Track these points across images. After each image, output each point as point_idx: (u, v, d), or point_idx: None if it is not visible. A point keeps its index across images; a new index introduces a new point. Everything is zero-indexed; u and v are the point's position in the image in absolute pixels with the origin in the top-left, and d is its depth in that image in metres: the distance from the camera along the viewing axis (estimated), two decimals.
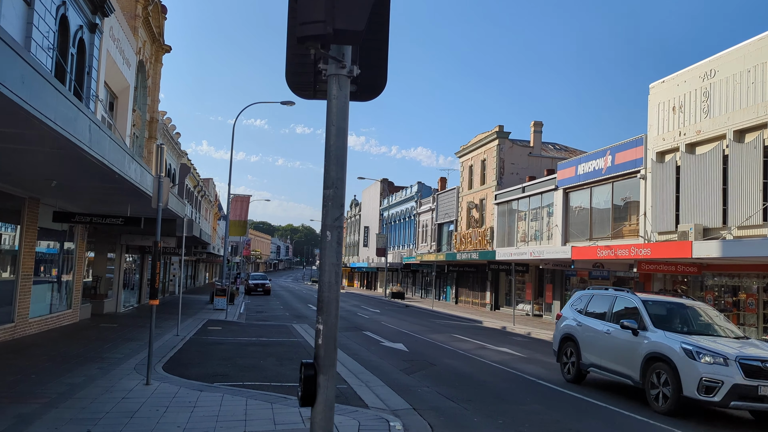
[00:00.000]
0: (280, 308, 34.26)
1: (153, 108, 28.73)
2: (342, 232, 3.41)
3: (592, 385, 12.25)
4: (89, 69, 18.78)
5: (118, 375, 10.31)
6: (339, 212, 3.35)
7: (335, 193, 3.34)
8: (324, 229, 3.40)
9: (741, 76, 20.29)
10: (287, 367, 12.27)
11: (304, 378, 3.32)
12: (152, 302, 9.46)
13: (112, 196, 13.88)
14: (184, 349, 14.44)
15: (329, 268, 3.35)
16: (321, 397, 3.27)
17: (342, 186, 3.34)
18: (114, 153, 9.54)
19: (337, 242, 3.37)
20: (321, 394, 3.27)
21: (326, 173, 3.34)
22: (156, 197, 9.45)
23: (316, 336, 3.35)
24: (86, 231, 19.87)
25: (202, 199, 53.00)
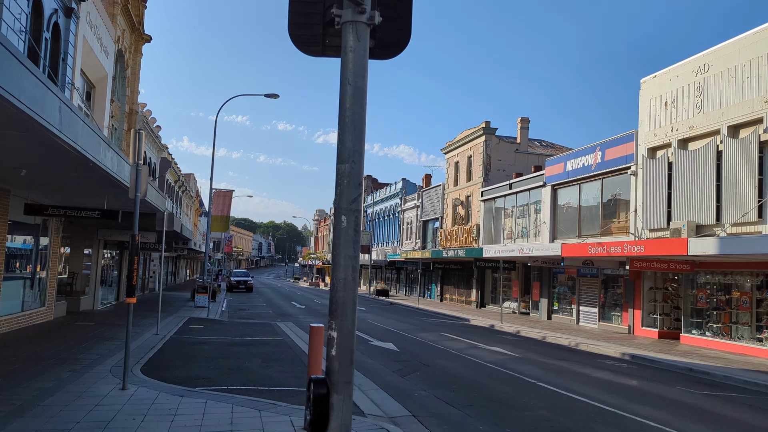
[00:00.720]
0: (263, 306, 33.50)
1: (132, 99, 27.81)
2: (360, 216, 2.81)
3: (599, 388, 11.75)
4: (65, 55, 17.92)
5: (92, 378, 9.58)
6: (356, 192, 2.75)
7: (351, 168, 2.74)
8: (338, 214, 2.79)
9: (736, 71, 19.96)
10: (274, 369, 11.62)
11: (313, 398, 2.69)
12: (129, 300, 8.74)
13: (87, 187, 13.10)
14: (164, 350, 13.71)
15: (344, 262, 2.75)
16: (335, 422, 2.66)
17: (360, 159, 2.74)
18: (87, 138, 8.81)
19: (354, 229, 2.77)
20: (335, 419, 2.67)
21: (340, 144, 2.73)
22: (133, 187, 8.74)
23: (328, 346, 2.74)
24: (61, 225, 19.00)
25: (183, 194, 51.94)
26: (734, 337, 19.89)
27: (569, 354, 17.40)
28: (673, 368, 15.42)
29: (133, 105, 27.67)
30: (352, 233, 2.74)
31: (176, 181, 45.88)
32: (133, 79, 28.14)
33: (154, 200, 16.03)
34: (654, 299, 23.99)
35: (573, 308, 29.13)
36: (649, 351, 18.34)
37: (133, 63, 28.01)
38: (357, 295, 2.75)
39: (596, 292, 27.48)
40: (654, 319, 23.73)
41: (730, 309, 20.21)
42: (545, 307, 31.46)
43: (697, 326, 21.49)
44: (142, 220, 18.77)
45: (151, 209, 17.15)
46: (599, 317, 27.00)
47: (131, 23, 26.44)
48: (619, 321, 25.62)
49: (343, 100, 2.71)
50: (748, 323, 19.53)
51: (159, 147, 36.78)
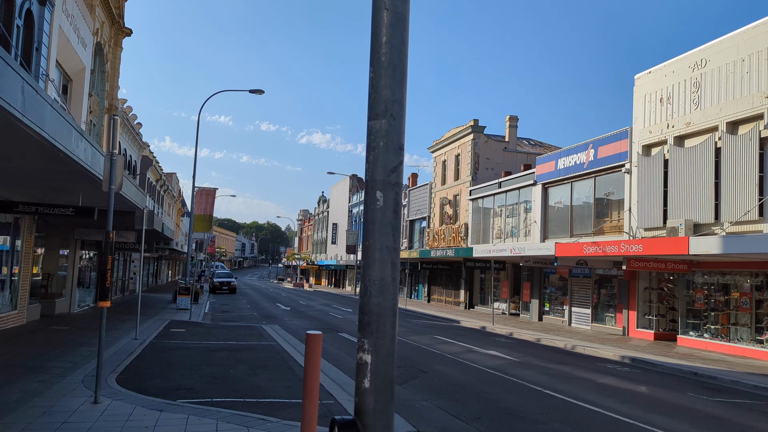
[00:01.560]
0: (247, 308, 32.58)
1: (112, 94, 26.79)
2: (401, 193, 2.06)
3: (610, 396, 11.10)
4: (38, 45, 16.98)
5: (61, 390, 8.72)
6: (396, 158, 2.03)
7: (389, 125, 2.01)
8: (370, 189, 2.05)
9: (734, 66, 19.49)
10: (262, 377, 10.80)
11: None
12: (102, 304, 7.88)
13: (59, 183, 12.19)
14: (143, 356, 12.82)
15: (381, 255, 2.01)
16: None
17: (401, 113, 2.01)
18: (57, 126, 7.95)
19: (394, 210, 2.04)
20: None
21: (374, 93, 2.00)
22: (107, 179, 7.90)
23: (359, 374, 2.00)
24: (34, 224, 18.00)
25: (165, 193, 50.78)
26: (733, 338, 19.41)
27: (568, 357, 16.77)
28: (677, 372, 14.85)
29: (113, 100, 26.65)
30: (391, 216, 2.01)
31: (158, 180, 44.76)
32: (112, 74, 27.13)
33: (133, 197, 15.13)
34: (649, 300, 23.48)
35: (565, 309, 28.59)
36: (648, 354, 17.78)
37: (112, 57, 27.01)
38: (397, 303, 2.01)
39: (589, 292, 26.95)
40: (649, 320, 23.22)
41: (729, 310, 19.73)
42: (536, 308, 30.89)
43: (694, 327, 20.99)
44: (120, 218, 17.85)
45: (130, 207, 16.25)
46: (592, 318, 26.47)
47: (111, 15, 25.45)
48: (612, 322, 25.09)
49: (376, 33, 1.97)
50: (748, 324, 19.06)
51: (140, 145, 35.70)
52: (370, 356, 1.98)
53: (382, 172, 2.02)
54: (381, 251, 2.01)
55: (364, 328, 2.01)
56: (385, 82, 1.99)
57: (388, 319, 2.00)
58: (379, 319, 1.99)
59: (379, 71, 1.99)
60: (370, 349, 1.98)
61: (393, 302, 2.02)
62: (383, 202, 2.02)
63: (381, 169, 2.02)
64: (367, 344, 1.99)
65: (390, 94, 2.00)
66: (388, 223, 2.02)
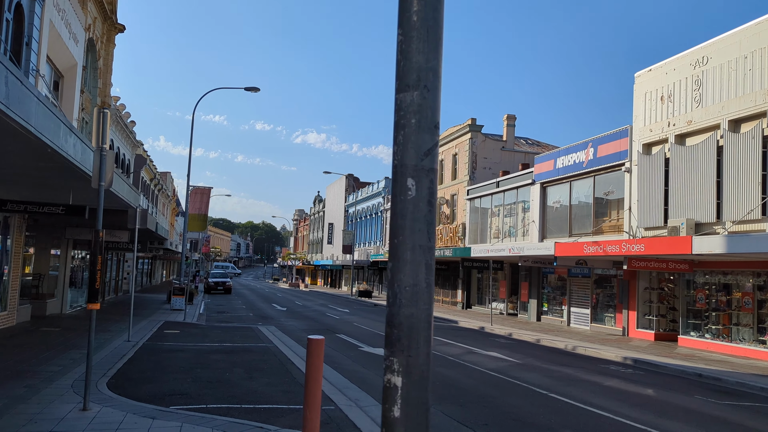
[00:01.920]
0: (242, 308, 32.19)
1: (105, 92, 26.37)
2: (436, 180, 1.73)
3: (618, 400, 10.80)
4: (28, 39, 16.60)
5: (49, 396, 8.35)
6: (431, 139, 1.70)
7: (423, 98, 1.68)
8: (400, 176, 1.72)
9: (737, 63, 19.24)
10: (258, 381, 10.44)
11: None
12: (91, 307, 7.52)
13: (48, 180, 11.81)
14: (136, 359, 12.45)
15: (413, 256, 1.68)
16: None
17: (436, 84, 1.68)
18: (43, 119, 7.59)
19: (429, 202, 1.71)
20: None
21: (403, 60, 1.67)
22: (97, 175, 7.54)
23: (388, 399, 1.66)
24: (24, 223, 17.61)
25: (160, 193, 50.30)
26: (735, 339, 19.16)
27: (569, 359, 16.48)
28: (681, 374, 14.58)
29: (106, 98, 26.23)
30: (426, 208, 1.69)
31: (152, 179, 44.29)
32: (105, 71, 26.72)
33: (126, 196, 14.74)
34: (649, 300, 23.23)
35: (563, 309, 28.32)
36: (650, 355, 17.51)
37: (105, 53, 26.60)
38: (432, 313, 1.68)
39: (588, 292, 26.68)
40: (649, 320, 22.96)
41: (731, 310, 19.48)
42: (534, 308, 30.62)
43: (695, 328, 20.74)
44: (113, 217, 17.46)
45: (122, 206, 15.86)
46: (591, 319, 26.21)
47: (103, 11, 25.04)
48: (612, 322, 24.83)
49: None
50: (750, 325, 18.81)
51: (133, 143, 35.25)
52: (401, 378, 1.64)
53: (413, 156, 1.69)
54: (413, 251, 1.68)
55: (393, 344, 1.67)
56: (417, 47, 1.66)
57: (421, 333, 1.67)
58: (411, 333, 1.65)
59: (410, 33, 1.66)
60: (400, 370, 1.64)
61: (428, 313, 1.69)
62: (416, 191, 1.69)
63: (413, 151, 1.69)
64: (397, 364, 1.65)
65: (423, 60, 1.66)
66: (421, 218, 1.69)
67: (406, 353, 1.63)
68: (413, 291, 1.66)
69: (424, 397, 1.62)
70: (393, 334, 1.66)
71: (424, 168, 1.68)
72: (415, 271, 1.66)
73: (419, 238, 1.66)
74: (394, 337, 1.66)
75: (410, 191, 1.67)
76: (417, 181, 1.68)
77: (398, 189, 1.70)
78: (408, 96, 1.67)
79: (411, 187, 1.67)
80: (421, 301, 1.66)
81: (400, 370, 1.62)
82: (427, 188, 1.68)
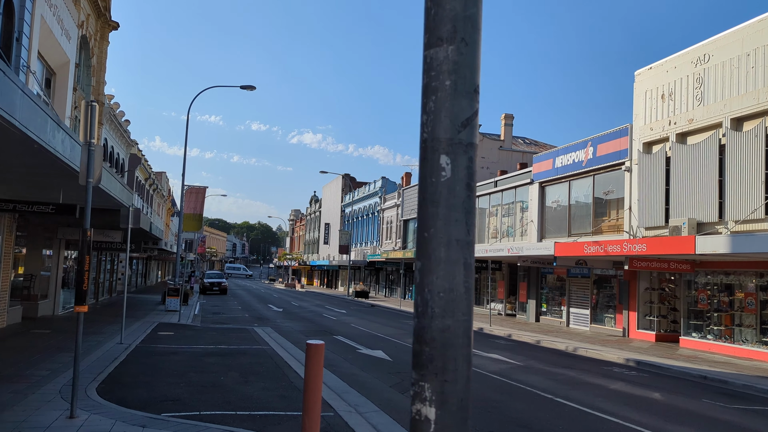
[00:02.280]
0: (238, 309, 31.83)
1: (98, 90, 26.02)
2: (475, 156, 1.41)
3: (625, 404, 10.50)
4: (19, 35, 16.24)
5: (36, 402, 8.00)
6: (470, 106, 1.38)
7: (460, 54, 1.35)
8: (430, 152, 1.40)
9: (739, 61, 18.99)
10: (254, 386, 10.10)
11: None
12: (78, 309, 7.17)
13: (36, 177, 11.46)
14: (128, 362, 12.10)
15: (447, 253, 1.34)
16: None
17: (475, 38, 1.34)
18: (29, 113, 7.25)
19: (467, 185, 1.39)
20: None
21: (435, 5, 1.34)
22: (84, 171, 7.20)
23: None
24: (14, 222, 17.23)
25: (155, 193, 49.90)
26: (737, 340, 18.91)
27: (571, 360, 16.19)
28: (686, 376, 14.30)
29: (99, 96, 25.89)
30: (464, 193, 1.37)
31: (147, 179, 43.89)
32: (98, 69, 26.36)
33: (119, 194, 14.39)
34: (650, 300, 22.97)
35: (563, 310, 28.05)
36: (652, 356, 17.24)
37: (99, 51, 26.25)
38: (472, 325, 1.36)
39: (587, 293, 26.42)
40: (650, 321, 22.70)
41: (733, 311, 19.23)
42: (533, 309, 30.34)
43: (696, 329, 20.49)
44: (106, 216, 17.09)
45: (115, 205, 15.50)
46: (591, 319, 25.94)
47: (96, 8, 24.68)
48: (612, 323, 24.57)
49: None
50: (753, 326, 18.56)
51: (128, 142, 34.85)
52: (434, 409, 1.30)
53: (449, 127, 1.36)
54: (449, 247, 1.34)
55: (424, 364, 1.33)
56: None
57: (460, 351, 1.34)
58: (447, 352, 1.32)
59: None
60: (433, 399, 1.31)
61: (467, 325, 1.36)
62: (451, 172, 1.36)
63: (447, 121, 1.36)
64: (429, 390, 1.32)
65: (460, 6, 1.33)
66: (458, 205, 1.36)
67: (441, 377, 1.30)
68: (449, 297, 1.33)
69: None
70: (423, 352, 1.33)
71: (461, 142, 1.36)
72: (451, 272, 1.33)
73: (456, 230, 1.33)
74: (425, 356, 1.32)
75: (444, 172, 1.34)
76: (453, 159, 1.35)
77: (429, 169, 1.37)
78: (441, 52, 1.34)
79: (445, 166, 1.34)
80: (459, 310, 1.33)
81: (433, 399, 1.29)
82: (465, 168, 1.35)
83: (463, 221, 1.34)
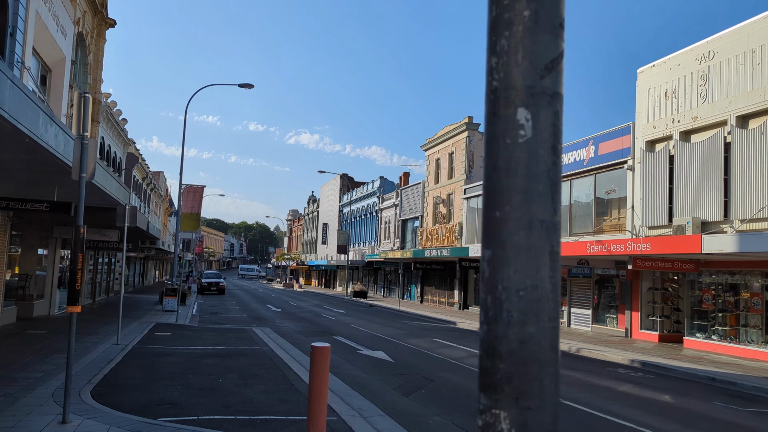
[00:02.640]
0: (236, 309, 31.50)
1: (95, 88, 25.69)
2: (562, 110, 1.11)
3: (636, 407, 10.22)
4: (13, 30, 15.94)
5: (27, 406, 7.69)
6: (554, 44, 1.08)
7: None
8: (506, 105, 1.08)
9: (744, 57, 18.74)
10: (254, 388, 9.79)
11: None
12: (71, 309, 6.86)
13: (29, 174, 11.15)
14: (124, 364, 11.79)
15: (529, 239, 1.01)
16: None
17: None
18: (20, 105, 6.95)
19: (553, 148, 1.09)
20: None
21: None
22: (77, 166, 6.90)
23: None
24: (9, 221, 16.90)
25: (152, 192, 49.52)
26: (743, 340, 18.66)
27: (576, 362, 15.92)
28: (693, 377, 14.03)
29: (96, 94, 25.55)
30: (549, 159, 1.07)
31: (144, 178, 43.53)
32: (95, 66, 26.03)
33: (115, 192, 14.08)
34: (653, 300, 22.70)
35: (563, 310, 27.77)
36: (657, 357, 16.97)
37: (95, 48, 25.92)
38: (559, 334, 1.05)
39: (589, 293, 26.16)
40: (653, 321, 22.43)
41: (738, 311, 18.98)
42: None
43: (700, 329, 20.23)
44: (102, 215, 16.77)
45: (111, 203, 15.20)
46: (592, 320, 25.68)
47: (93, 5, 24.36)
48: (614, 323, 24.31)
49: None
50: (759, 326, 18.31)
51: (125, 141, 34.50)
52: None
53: (528, 71, 1.05)
54: (530, 231, 1.02)
55: (498, 386, 1.01)
56: None
57: (546, 369, 1.02)
58: (530, 369, 0.99)
59: None
60: (511, 430, 1.01)
61: (554, 333, 1.04)
62: (533, 130, 1.04)
63: (527, 63, 1.05)
64: (506, 421, 0.98)
65: None
66: (542, 174, 1.05)
67: (523, 403, 0.97)
68: (531, 297, 1.01)
69: None
70: (497, 370, 0.99)
71: (545, 91, 1.05)
72: (534, 262, 1.01)
73: (539, 208, 1.02)
74: (499, 375, 0.99)
75: (523, 130, 1.03)
76: (534, 114, 1.04)
77: (501, 128, 1.05)
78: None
79: (524, 122, 1.03)
80: (544, 313, 1.01)
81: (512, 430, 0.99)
82: (550, 125, 1.04)
83: (549, 196, 1.04)
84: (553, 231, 1.06)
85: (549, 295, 1.03)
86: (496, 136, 1.07)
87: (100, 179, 11.44)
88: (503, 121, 1.06)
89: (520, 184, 1.03)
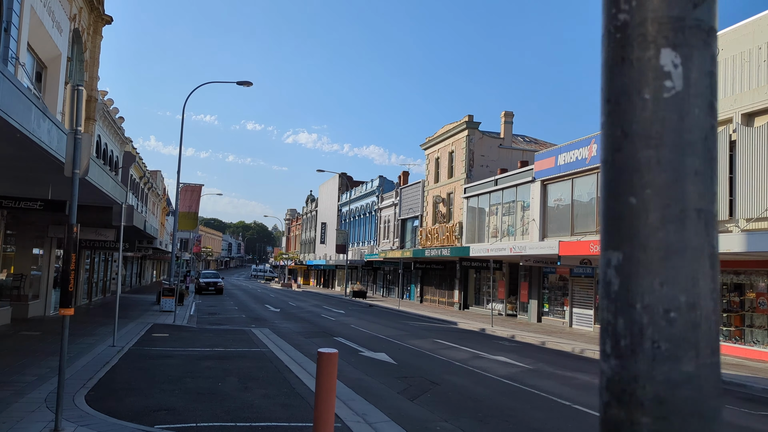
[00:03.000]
0: (234, 309, 31.19)
1: (91, 85, 25.36)
2: (716, 53, 0.83)
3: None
4: (7, 25, 15.63)
5: (18, 412, 7.40)
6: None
7: None
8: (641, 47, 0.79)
9: (750, 54, 18.50)
10: (255, 393, 9.50)
11: None
12: (64, 312, 6.56)
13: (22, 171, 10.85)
14: (120, 367, 11.49)
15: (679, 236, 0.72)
16: None
17: None
18: (10, 98, 6.66)
19: (710, 105, 0.81)
20: None
21: None
22: (70, 161, 6.60)
23: None
24: (3, 220, 16.60)
25: (149, 191, 49.18)
26: (748, 341, 18.42)
27: (581, 363, 15.65)
28: None
29: (92, 91, 25.22)
30: (706, 121, 0.78)
31: (141, 177, 43.19)
32: (92, 63, 25.70)
33: (111, 191, 13.78)
34: None
35: (565, 310, 27.53)
36: None
37: (92, 45, 25.59)
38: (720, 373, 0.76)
39: (591, 293, 25.91)
40: None
41: (743, 311, 18.74)
42: (534, 309, 29.81)
43: None
44: (99, 214, 16.47)
45: (108, 202, 14.89)
46: (595, 320, 25.42)
47: (89, 1, 24.03)
48: None
49: None
50: (765, 327, 18.07)
51: (122, 140, 34.17)
52: None
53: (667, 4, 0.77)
54: (683, 224, 0.71)
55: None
56: None
57: (709, 427, 0.73)
58: (687, 426, 0.70)
59: None
60: None
61: (716, 372, 0.75)
62: (683, 81, 0.75)
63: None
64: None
65: None
66: (698, 142, 0.75)
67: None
68: (686, 320, 0.69)
69: None
70: (637, 425, 0.68)
71: (700, 25, 0.76)
72: (689, 270, 0.70)
73: (696, 191, 0.72)
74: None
75: (670, 80, 0.71)
76: (686, 57, 0.73)
77: (635, 77, 0.74)
78: None
79: (672, 69, 0.71)
80: (705, 344, 0.71)
81: None
82: (707, 73, 0.76)
83: (708, 175, 0.76)
84: (712, 225, 0.78)
85: (711, 316, 0.75)
86: (626, 89, 0.76)
87: (95, 177, 11.14)
88: (639, 68, 0.75)
89: (667, 156, 0.74)
